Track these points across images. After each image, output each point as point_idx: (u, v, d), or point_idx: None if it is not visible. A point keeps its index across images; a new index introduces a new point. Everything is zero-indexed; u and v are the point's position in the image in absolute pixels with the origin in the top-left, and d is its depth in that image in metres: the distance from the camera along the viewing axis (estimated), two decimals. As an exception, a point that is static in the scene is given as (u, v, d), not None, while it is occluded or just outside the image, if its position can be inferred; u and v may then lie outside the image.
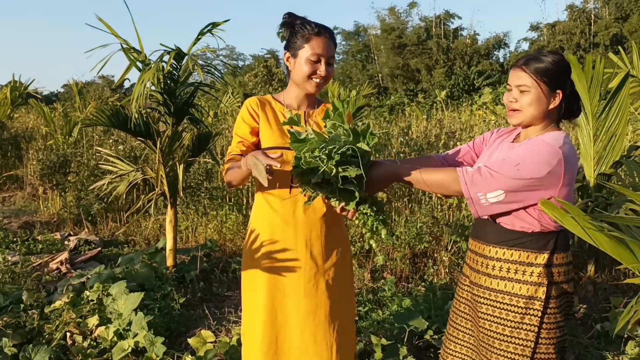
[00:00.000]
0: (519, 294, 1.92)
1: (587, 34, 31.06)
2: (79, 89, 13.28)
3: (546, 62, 1.90)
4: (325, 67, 2.20)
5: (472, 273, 2.08)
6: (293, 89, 2.32)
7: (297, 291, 2.25)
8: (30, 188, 9.31)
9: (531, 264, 1.91)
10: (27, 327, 3.71)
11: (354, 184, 1.82)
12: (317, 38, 2.18)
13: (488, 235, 2.00)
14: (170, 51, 4.18)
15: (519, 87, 1.93)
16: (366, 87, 13.46)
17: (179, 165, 4.61)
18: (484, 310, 2.00)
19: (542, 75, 1.90)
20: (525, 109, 1.93)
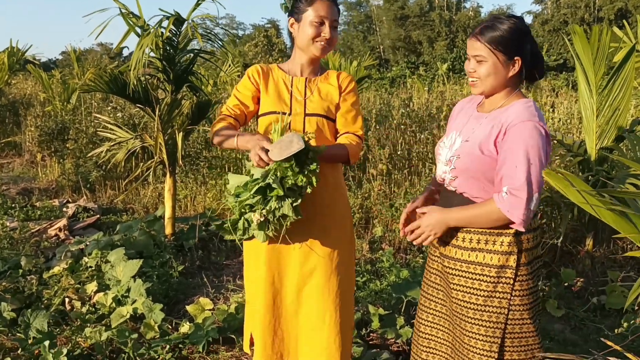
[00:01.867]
0: (490, 263, 1.92)
1: (591, 8, 30.71)
2: (77, 55, 13.12)
3: (501, 30, 1.87)
4: (329, 29, 2.20)
5: (441, 245, 2.07)
6: (297, 56, 2.31)
7: (294, 258, 2.26)
8: (28, 155, 9.27)
9: (501, 234, 1.91)
10: (25, 292, 3.73)
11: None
12: (321, 1, 2.18)
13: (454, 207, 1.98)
14: (169, 16, 4.11)
15: (475, 57, 1.90)
16: (367, 59, 13.33)
17: (178, 133, 4.57)
18: (456, 282, 1.99)
19: (498, 44, 1.86)
20: (483, 79, 1.91)
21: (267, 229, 1.96)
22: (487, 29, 1.89)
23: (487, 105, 2.02)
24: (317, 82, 2.31)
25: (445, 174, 1.99)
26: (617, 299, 3.64)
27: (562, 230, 4.10)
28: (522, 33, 1.90)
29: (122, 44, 4.55)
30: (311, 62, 2.30)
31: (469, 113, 2.08)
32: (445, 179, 2.01)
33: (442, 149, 2.06)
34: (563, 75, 22.77)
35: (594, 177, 3.89)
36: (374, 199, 5.24)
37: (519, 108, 1.89)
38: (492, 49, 1.87)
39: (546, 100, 7.01)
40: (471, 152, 1.91)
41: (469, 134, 1.97)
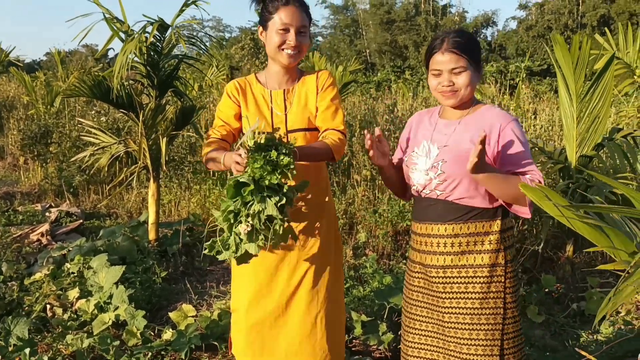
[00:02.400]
0: (482, 264, 1.99)
1: (575, 14, 31.07)
2: (61, 57, 13.05)
3: (471, 43, 1.99)
4: (295, 36, 2.16)
5: (424, 256, 2.09)
6: (271, 66, 2.30)
7: (282, 266, 2.27)
8: (10, 158, 9.19)
9: (487, 233, 2.00)
10: (6, 299, 3.70)
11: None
12: (285, 7, 2.15)
13: (439, 215, 2.04)
14: (153, 22, 4.11)
15: (454, 69, 1.97)
16: (353, 63, 13.38)
17: (162, 138, 4.56)
18: (447, 290, 2.02)
19: (473, 55, 1.98)
20: (463, 89, 1.99)
21: (256, 238, 1.92)
22: (459, 41, 1.97)
23: (450, 114, 2.10)
24: (295, 92, 2.29)
25: (430, 181, 2.02)
26: (597, 305, 3.68)
27: (543, 237, 4.15)
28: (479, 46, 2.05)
29: (105, 48, 4.55)
30: (286, 71, 2.28)
31: (432, 122, 2.14)
32: (428, 186, 2.03)
33: (416, 159, 2.09)
34: (547, 81, 22.99)
35: (575, 184, 3.94)
36: (357, 205, 5.26)
37: (496, 111, 2.03)
38: (469, 59, 1.96)
39: (529, 107, 7.08)
40: (458, 154, 1.96)
41: (445, 141, 2.03)
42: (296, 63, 2.26)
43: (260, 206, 1.87)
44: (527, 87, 8.81)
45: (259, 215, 1.88)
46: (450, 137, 2.02)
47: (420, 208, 2.13)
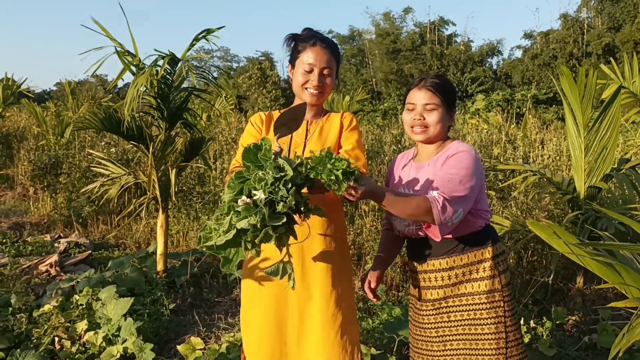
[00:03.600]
0: (479, 290, 2.04)
1: (579, 43, 31.26)
2: (71, 88, 13.22)
3: (446, 85, 2.07)
4: (317, 77, 2.21)
5: (423, 292, 2.15)
6: (296, 100, 2.35)
7: (293, 303, 2.24)
8: (20, 188, 9.25)
9: (481, 261, 2.06)
10: (15, 331, 3.69)
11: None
12: (312, 48, 2.22)
13: (432, 252, 2.09)
14: (164, 56, 4.18)
15: (426, 105, 2.04)
16: (360, 92, 13.50)
17: (172, 169, 4.60)
18: (458, 318, 2.08)
19: (447, 96, 2.05)
20: (433, 126, 2.06)
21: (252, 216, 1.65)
22: (434, 80, 2.06)
23: (424, 155, 2.15)
24: (319, 124, 2.32)
25: (410, 227, 2.10)
26: (609, 337, 3.63)
27: (552, 268, 4.12)
28: (455, 90, 2.14)
29: (117, 81, 4.63)
30: (310, 108, 2.32)
31: (408, 166, 2.20)
32: (409, 230, 2.11)
33: None
34: (553, 109, 23.06)
35: (584, 216, 3.93)
36: (365, 235, 5.24)
37: (456, 144, 2.07)
38: (442, 99, 2.04)
39: (536, 137, 7.09)
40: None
41: (417, 184, 2.08)
42: (320, 102, 2.31)
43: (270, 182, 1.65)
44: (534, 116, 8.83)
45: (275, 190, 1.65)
46: (422, 180, 2.07)
47: (412, 247, 2.20)
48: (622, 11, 30.29)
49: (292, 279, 1.83)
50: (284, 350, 2.25)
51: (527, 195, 4.99)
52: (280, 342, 2.25)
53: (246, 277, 2.33)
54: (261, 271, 2.26)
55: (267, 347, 2.24)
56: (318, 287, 2.23)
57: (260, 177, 1.64)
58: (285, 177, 1.63)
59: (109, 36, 4.30)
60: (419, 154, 2.20)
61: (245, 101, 32.06)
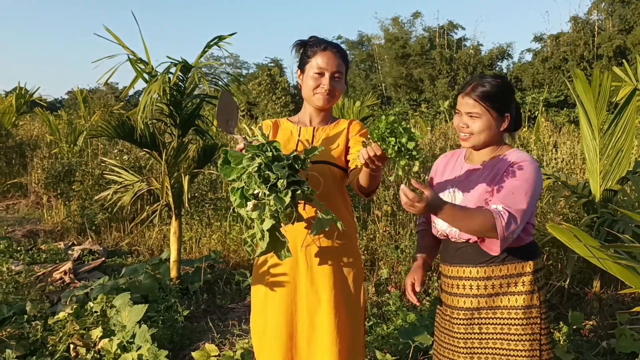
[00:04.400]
0: (516, 305, 1.97)
1: (590, 46, 31.06)
2: (83, 96, 13.31)
3: (492, 88, 1.97)
4: (329, 81, 2.21)
5: (455, 299, 2.07)
6: (305, 106, 2.35)
7: (302, 307, 2.23)
8: (34, 196, 9.32)
9: (520, 274, 1.99)
10: (30, 339, 3.70)
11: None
12: (322, 53, 2.22)
13: (470, 258, 2.03)
14: (177, 63, 4.19)
15: (469, 113, 1.99)
16: (370, 98, 13.49)
17: (184, 176, 4.61)
18: (484, 331, 2.01)
19: (491, 102, 1.97)
20: (477, 134, 2.00)
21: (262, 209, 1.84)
22: (479, 87, 1.98)
23: (476, 157, 2.09)
24: (326, 130, 2.32)
25: (452, 229, 2.02)
26: (627, 342, 3.59)
27: (568, 272, 4.08)
28: (510, 90, 2.03)
29: (130, 89, 4.65)
30: (319, 113, 2.32)
31: (459, 166, 2.14)
32: (452, 233, 2.04)
33: None
34: (564, 112, 22.96)
35: (600, 219, 3.89)
36: (379, 241, 5.23)
37: (516, 153, 2.00)
38: (486, 106, 1.97)
39: (549, 140, 7.04)
40: (478, 202, 1.95)
41: (469, 186, 2.02)
42: (329, 106, 2.30)
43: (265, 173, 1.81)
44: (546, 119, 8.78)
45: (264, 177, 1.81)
46: (473, 183, 2.02)
47: (449, 251, 2.12)
48: (633, 13, 30.10)
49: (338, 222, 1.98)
50: (296, 355, 2.25)
51: (542, 199, 4.95)
52: (292, 346, 2.25)
53: (256, 283, 2.33)
54: (272, 276, 2.26)
55: (280, 352, 2.23)
56: (327, 292, 2.22)
57: (248, 175, 1.80)
58: (267, 158, 1.79)
59: (122, 44, 4.32)
60: (471, 155, 2.13)
61: (255, 107, 32.17)
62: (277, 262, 2.23)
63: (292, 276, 2.23)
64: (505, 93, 2.01)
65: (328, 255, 2.24)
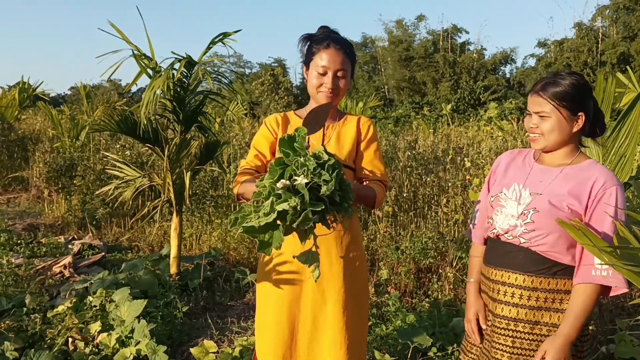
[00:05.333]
0: (557, 323, 1.85)
1: (594, 52, 31.07)
2: (86, 92, 13.31)
3: (564, 86, 1.85)
4: (331, 79, 2.19)
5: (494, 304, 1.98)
6: (312, 103, 2.33)
7: (306, 306, 2.23)
8: (35, 190, 9.32)
9: (569, 292, 1.86)
10: (29, 331, 3.70)
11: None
12: (325, 50, 2.19)
13: (520, 264, 1.91)
14: (181, 59, 4.19)
15: (538, 113, 1.89)
16: (373, 99, 13.50)
17: (186, 173, 4.61)
18: (525, 346, 1.89)
19: (562, 100, 1.85)
20: (547, 135, 1.89)
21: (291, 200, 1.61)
22: (550, 85, 1.88)
23: (548, 159, 1.98)
24: (335, 128, 2.30)
25: (516, 228, 1.91)
26: (627, 348, 3.58)
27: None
28: (585, 89, 1.89)
29: (133, 84, 4.65)
30: None
31: (527, 165, 2.03)
32: (511, 232, 1.93)
33: (505, 201, 1.98)
34: (567, 118, 22.88)
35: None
36: (379, 241, 5.23)
37: (602, 168, 1.88)
38: (556, 105, 1.86)
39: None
40: (553, 206, 1.85)
41: (540, 187, 1.91)
42: (335, 103, 2.28)
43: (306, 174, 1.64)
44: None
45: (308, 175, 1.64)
46: (547, 185, 1.91)
47: (497, 252, 2.01)
48: (638, 20, 30.07)
49: (318, 269, 1.79)
50: (295, 353, 2.24)
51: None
52: (292, 344, 2.24)
53: (261, 280, 2.33)
54: (277, 274, 2.25)
55: (279, 348, 2.23)
56: (334, 292, 2.22)
57: (302, 163, 1.64)
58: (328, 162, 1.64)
59: (126, 39, 4.32)
60: (541, 156, 2.01)
61: (257, 107, 32.16)
62: (283, 260, 2.22)
63: (298, 274, 2.23)
64: (579, 91, 1.87)
65: (335, 256, 2.23)
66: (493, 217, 2.01)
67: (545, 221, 1.85)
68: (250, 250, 5.62)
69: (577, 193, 1.84)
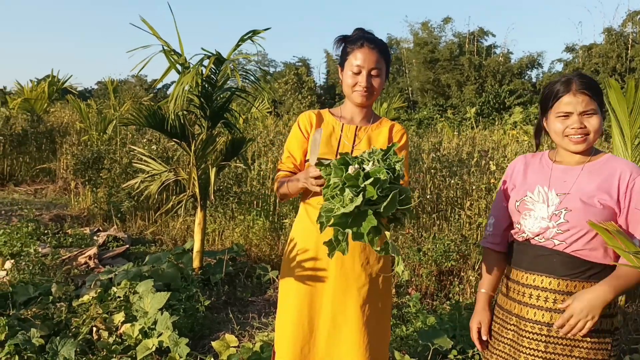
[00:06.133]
0: (591, 328, 1.82)
1: (623, 58, 30.55)
2: (114, 87, 13.50)
3: (594, 82, 1.88)
4: (366, 78, 2.19)
5: (524, 309, 1.94)
6: (347, 102, 2.35)
7: (327, 304, 2.23)
8: (62, 182, 9.48)
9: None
10: (54, 320, 3.77)
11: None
12: (359, 50, 2.20)
13: (553, 268, 1.88)
14: (210, 56, 4.24)
15: (585, 112, 1.86)
16: (397, 100, 13.46)
17: (212, 168, 4.65)
18: (558, 351, 1.87)
19: (600, 96, 1.88)
20: (594, 133, 1.87)
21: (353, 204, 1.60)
22: (586, 82, 1.88)
23: (568, 158, 1.96)
24: (368, 131, 2.30)
25: (548, 229, 1.88)
26: (651, 358, 3.53)
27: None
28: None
29: (162, 79, 4.71)
30: (360, 110, 2.31)
31: (546, 166, 2.01)
32: (543, 235, 1.90)
33: (532, 204, 1.95)
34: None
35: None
36: (401, 243, 5.22)
37: (624, 160, 1.90)
38: (598, 101, 1.87)
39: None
40: (585, 203, 1.83)
41: (566, 187, 1.89)
42: (369, 103, 2.29)
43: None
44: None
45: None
46: (573, 184, 1.89)
47: (527, 256, 1.96)
48: (670, 27, 29.50)
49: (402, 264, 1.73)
50: (313, 349, 2.25)
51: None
52: (310, 339, 2.25)
53: (285, 275, 2.34)
54: (302, 270, 2.26)
55: (298, 343, 2.24)
56: (355, 292, 2.22)
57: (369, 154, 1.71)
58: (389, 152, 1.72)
59: (156, 35, 4.38)
60: (558, 156, 2.00)
61: (280, 106, 32.28)
62: (309, 256, 2.24)
63: (324, 271, 2.24)
64: (601, 90, 1.90)
65: (359, 255, 2.24)
66: (521, 221, 1.98)
67: (579, 219, 1.82)
68: (271, 247, 5.66)
69: (607, 188, 1.84)
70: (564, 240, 1.86)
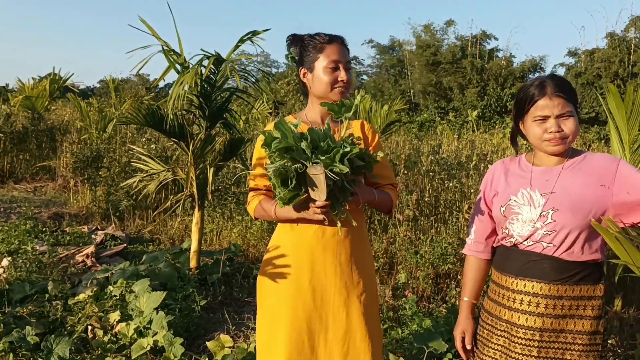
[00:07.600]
0: (582, 330, 1.84)
1: (625, 63, 30.53)
2: (115, 85, 13.52)
3: (571, 88, 1.88)
4: (345, 72, 2.13)
5: (515, 315, 1.92)
6: (315, 105, 2.24)
7: (324, 318, 2.13)
8: (61, 180, 9.49)
9: (591, 297, 1.85)
10: (50, 317, 3.78)
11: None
12: (331, 45, 2.13)
13: (544, 273, 1.87)
14: (210, 56, 4.24)
15: (562, 115, 1.85)
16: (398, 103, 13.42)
17: (210, 168, 4.65)
18: (550, 355, 1.87)
19: (574, 99, 1.88)
20: (572, 135, 1.87)
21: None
22: (559, 84, 1.88)
23: (546, 160, 1.96)
24: (339, 131, 2.17)
25: (537, 231, 1.87)
26: (646, 364, 3.52)
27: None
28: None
29: (161, 79, 4.71)
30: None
31: (525, 169, 2.00)
32: (532, 237, 1.90)
33: (519, 208, 1.94)
34: (595, 129, 22.60)
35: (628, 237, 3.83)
36: (399, 245, 5.21)
37: (601, 154, 1.93)
38: (573, 103, 1.88)
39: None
40: (571, 201, 1.83)
41: (549, 186, 1.89)
42: (347, 98, 2.18)
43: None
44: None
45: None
46: (556, 182, 1.90)
47: (515, 261, 1.95)
48: (672, 32, 29.49)
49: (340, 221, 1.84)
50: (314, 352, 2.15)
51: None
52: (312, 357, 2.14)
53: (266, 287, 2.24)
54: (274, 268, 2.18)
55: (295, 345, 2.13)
56: (355, 300, 2.14)
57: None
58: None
59: (155, 35, 4.38)
60: (537, 159, 1.99)
61: (282, 107, 32.29)
62: (287, 262, 2.15)
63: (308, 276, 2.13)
64: (575, 91, 1.91)
65: (344, 255, 2.16)
66: (508, 226, 1.97)
67: (567, 218, 1.82)
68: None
69: (591, 182, 1.85)
70: (551, 242, 1.85)
